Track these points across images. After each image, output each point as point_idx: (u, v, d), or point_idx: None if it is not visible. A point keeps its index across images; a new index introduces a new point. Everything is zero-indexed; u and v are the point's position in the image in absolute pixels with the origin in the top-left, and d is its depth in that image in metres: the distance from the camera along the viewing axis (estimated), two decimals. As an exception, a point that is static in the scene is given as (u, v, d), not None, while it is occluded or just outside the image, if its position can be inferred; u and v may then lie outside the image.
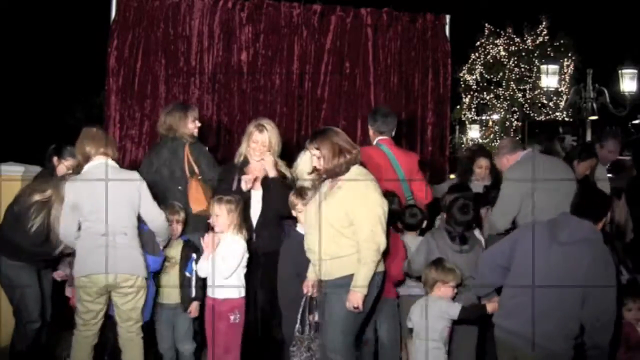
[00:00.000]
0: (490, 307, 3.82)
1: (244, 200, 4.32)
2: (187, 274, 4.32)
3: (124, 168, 4.47)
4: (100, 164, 4.01)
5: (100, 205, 3.89)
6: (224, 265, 4.03)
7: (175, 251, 4.40)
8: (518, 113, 19.49)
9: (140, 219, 4.06)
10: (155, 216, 4.13)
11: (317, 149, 3.73)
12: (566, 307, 3.32)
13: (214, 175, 4.59)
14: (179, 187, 4.58)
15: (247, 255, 4.14)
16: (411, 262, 4.19)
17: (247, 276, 4.17)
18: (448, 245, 4.10)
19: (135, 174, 4.16)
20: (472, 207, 4.16)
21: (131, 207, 4.01)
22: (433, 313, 3.83)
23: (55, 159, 4.81)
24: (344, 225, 3.68)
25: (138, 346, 4.09)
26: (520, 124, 19.09)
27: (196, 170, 4.57)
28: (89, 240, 3.88)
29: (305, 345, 4.00)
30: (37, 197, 4.25)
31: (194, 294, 4.31)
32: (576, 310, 3.33)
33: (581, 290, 3.29)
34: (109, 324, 4.15)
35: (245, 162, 4.50)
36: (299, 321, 4.02)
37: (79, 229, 3.96)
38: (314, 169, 3.86)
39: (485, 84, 20.08)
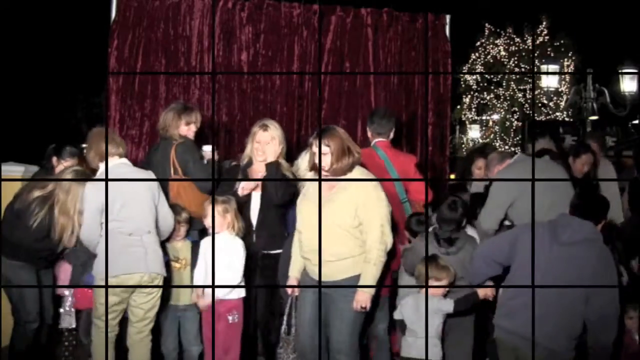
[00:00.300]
0: (482, 292, 3.85)
1: (244, 202, 4.34)
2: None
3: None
4: (120, 163, 4.04)
5: (128, 204, 3.92)
6: (231, 272, 4.03)
7: (184, 253, 4.40)
8: (518, 113, 19.49)
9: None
10: (168, 216, 4.19)
11: (327, 145, 3.72)
12: (570, 307, 3.35)
13: (203, 175, 4.54)
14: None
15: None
16: (404, 261, 4.20)
17: (246, 277, 4.17)
18: (435, 247, 4.08)
19: (152, 174, 4.21)
20: (462, 205, 4.15)
21: (153, 205, 4.07)
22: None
23: (54, 159, 4.81)
24: (353, 226, 3.70)
25: (147, 346, 4.10)
26: (520, 124, 19.10)
27: (179, 171, 4.55)
28: (116, 240, 3.87)
29: (292, 347, 3.99)
30: (37, 193, 4.25)
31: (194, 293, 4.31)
32: (580, 310, 3.35)
33: (585, 290, 3.31)
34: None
35: (249, 163, 4.50)
36: (284, 322, 4.02)
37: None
38: (313, 167, 3.84)
39: (485, 84, 20.10)
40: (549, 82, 12.66)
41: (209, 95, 5.84)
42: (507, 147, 19.03)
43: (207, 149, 4.78)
